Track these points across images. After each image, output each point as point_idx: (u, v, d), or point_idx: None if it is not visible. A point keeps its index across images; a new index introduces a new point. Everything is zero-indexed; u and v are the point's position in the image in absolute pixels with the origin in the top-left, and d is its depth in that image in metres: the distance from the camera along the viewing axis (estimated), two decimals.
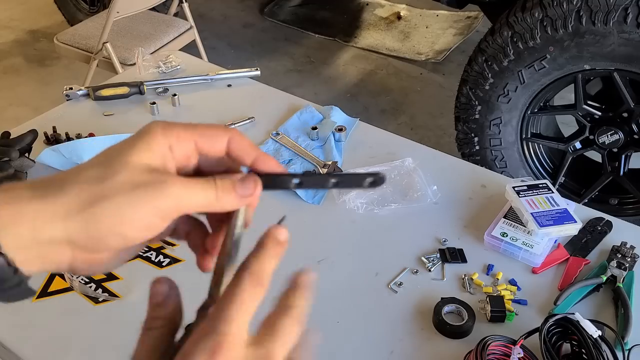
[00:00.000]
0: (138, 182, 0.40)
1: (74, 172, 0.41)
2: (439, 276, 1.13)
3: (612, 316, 1.04)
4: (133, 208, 0.40)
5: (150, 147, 0.42)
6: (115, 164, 0.40)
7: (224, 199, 0.44)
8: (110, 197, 0.39)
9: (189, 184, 0.42)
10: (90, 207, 0.39)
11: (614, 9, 1.80)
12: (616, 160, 2.10)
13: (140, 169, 0.40)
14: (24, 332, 1.05)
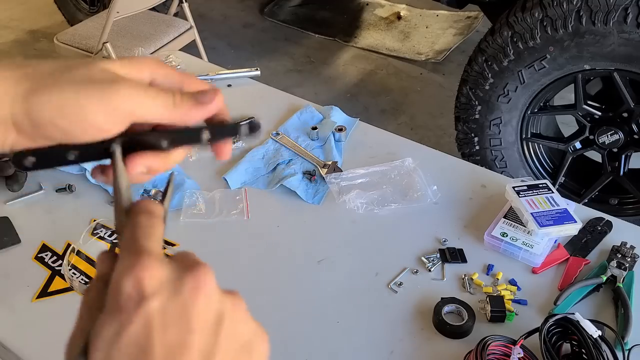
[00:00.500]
0: (93, 78, 0.39)
1: (42, 61, 0.40)
2: (439, 276, 1.13)
3: (612, 316, 1.05)
4: (78, 102, 0.38)
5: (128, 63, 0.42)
6: (78, 62, 0.40)
7: (183, 107, 0.43)
8: (58, 86, 0.38)
9: (147, 89, 0.41)
10: (36, 94, 0.38)
11: (614, 9, 1.80)
12: (616, 160, 2.09)
13: (101, 69, 0.40)
14: (24, 332, 1.05)
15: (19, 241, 1.21)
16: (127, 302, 0.36)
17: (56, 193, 1.32)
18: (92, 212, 1.26)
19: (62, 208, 1.29)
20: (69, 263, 1.15)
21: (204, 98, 0.44)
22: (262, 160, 1.40)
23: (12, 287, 1.13)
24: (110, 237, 1.21)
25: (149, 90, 0.41)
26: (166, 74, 0.43)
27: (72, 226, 1.22)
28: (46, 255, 1.18)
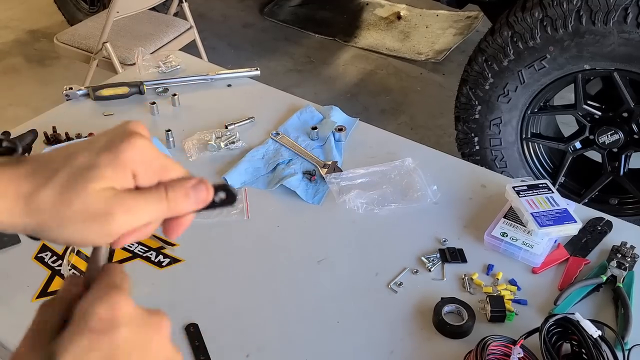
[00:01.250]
0: (91, 212, 0.42)
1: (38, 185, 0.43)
2: (439, 276, 1.13)
3: (612, 316, 1.04)
4: (83, 234, 0.43)
5: (113, 166, 0.43)
6: (76, 187, 0.42)
7: (177, 208, 0.46)
8: (63, 226, 0.43)
9: (136, 207, 0.44)
10: (43, 230, 0.43)
11: (614, 9, 1.80)
12: (616, 160, 2.09)
13: (96, 196, 0.42)
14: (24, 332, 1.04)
15: (18, 241, 1.20)
16: (99, 324, 0.40)
17: None
18: None
19: None
20: (68, 263, 1.15)
21: (199, 197, 0.47)
22: (262, 160, 1.40)
23: (12, 287, 1.12)
24: None
25: (140, 202, 0.44)
26: (146, 168, 0.45)
27: None
28: (46, 255, 1.18)
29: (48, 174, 0.42)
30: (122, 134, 0.44)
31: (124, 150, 0.43)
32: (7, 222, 0.43)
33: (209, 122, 1.51)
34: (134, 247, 1.19)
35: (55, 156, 0.44)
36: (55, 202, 0.42)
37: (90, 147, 0.44)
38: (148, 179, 0.45)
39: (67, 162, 0.43)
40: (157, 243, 1.20)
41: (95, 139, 0.45)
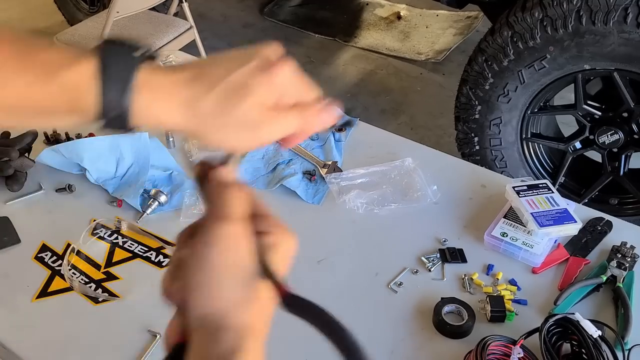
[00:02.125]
0: (244, 122, 0.48)
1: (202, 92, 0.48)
2: (439, 276, 1.13)
3: (612, 316, 1.04)
4: (234, 140, 0.49)
5: (266, 87, 0.49)
6: (234, 100, 0.48)
7: (308, 127, 0.52)
8: (221, 131, 0.48)
9: (279, 122, 0.50)
10: (200, 131, 0.48)
11: (614, 9, 1.80)
12: (616, 160, 2.09)
13: (250, 110, 0.48)
14: (24, 332, 1.05)
15: (18, 241, 1.20)
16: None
17: (56, 193, 1.32)
18: (92, 212, 1.26)
19: (62, 208, 1.29)
20: (68, 263, 1.15)
21: (327, 119, 0.53)
22: (261, 160, 1.40)
23: (12, 287, 1.12)
24: (110, 237, 1.21)
25: (282, 118, 0.50)
26: (290, 91, 0.50)
27: (72, 226, 1.22)
28: (46, 255, 1.18)
29: (208, 85, 0.47)
30: (275, 57, 0.49)
31: (275, 75, 0.48)
32: (169, 122, 0.48)
33: None
34: (134, 247, 1.19)
35: (212, 67, 0.48)
36: (215, 110, 0.47)
37: (246, 64, 0.48)
38: (290, 99, 0.50)
39: (225, 76, 0.47)
40: (157, 243, 1.20)
41: (249, 55, 0.49)
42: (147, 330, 1.02)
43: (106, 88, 0.45)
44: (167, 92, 0.47)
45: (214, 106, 0.47)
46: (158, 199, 1.26)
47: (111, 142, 1.33)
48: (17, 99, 0.45)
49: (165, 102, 0.47)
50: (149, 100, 0.46)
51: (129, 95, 0.45)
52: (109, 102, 0.45)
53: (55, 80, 0.44)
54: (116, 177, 1.33)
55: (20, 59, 0.45)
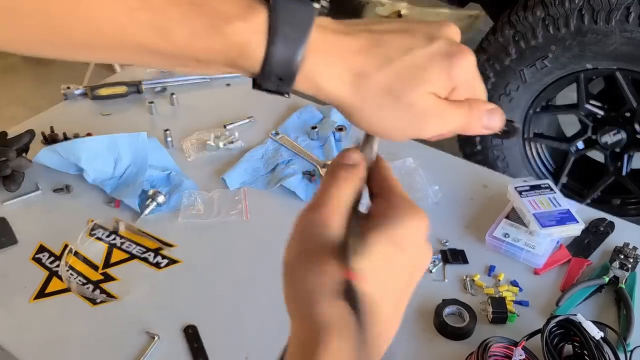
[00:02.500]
0: (411, 109, 0.44)
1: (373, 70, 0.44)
2: (440, 277, 1.12)
3: (614, 317, 1.04)
4: (395, 126, 0.46)
5: (444, 77, 0.45)
6: (408, 83, 0.44)
7: (473, 126, 0.49)
8: (381, 111, 0.45)
9: (447, 116, 0.46)
10: (360, 107, 0.44)
11: (616, 8, 1.79)
12: (619, 161, 2.08)
13: (421, 98, 0.45)
14: (21, 333, 1.04)
15: (15, 241, 1.20)
16: (402, 240, 0.43)
17: (53, 193, 1.31)
18: (90, 213, 1.25)
19: (59, 208, 1.28)
20: (66, 264, 1.14)
21: (491, 124, 0.50)
22: (261, 160, 1.39)
23: (9, 288, 1.12)
24: (108, 238, 1.21)
25: (451, 113, 0.46)
26: (465, 86, 0.47)
27: (70, 227, 1.21)
28: (43, 256, 1.17)
29: (382, 59, 0.43)
30: (457, 45, 0.46)
31: (457, 66, 0.45)
32: (332, 92, 0.44)
33: (207, 121, 1.50)
34: (132, 248, 1.19)
35: (389, 39, 0.44)
36: (385, 88, 0.43)
37: (427, 44, 0.45)
38: (461, 95, 0.47)
39: (403, 54, 0.44)
40: (156, 244, 1.19)
41: (430, 34, 0.45)
42: (145, 332, 1.02)
43: (275, 48, 0.41)
44: (338, 59, 0.43)
45: (385, 85, 0.43)
46: (156, 200, 1.25)
47: (109, 142, 1.33)
48: (178, 47, 0.41)
49: (333, 69, 0.43)
50: (317, 66, 0.42)
51: (298, 59, 0.41)
52: (276, 64, 0.41)
53: (222, 32, 0.40)
54: (114, 177, 1.32)
55: (190, 3, 0.40)
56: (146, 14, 0.39)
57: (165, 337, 1.01)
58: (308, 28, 0.41)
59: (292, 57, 0.41)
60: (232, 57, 0.41)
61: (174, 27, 0.39)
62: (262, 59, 0.41)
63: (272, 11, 0.41)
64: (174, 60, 0.42)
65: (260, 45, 0.41)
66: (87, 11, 0.38)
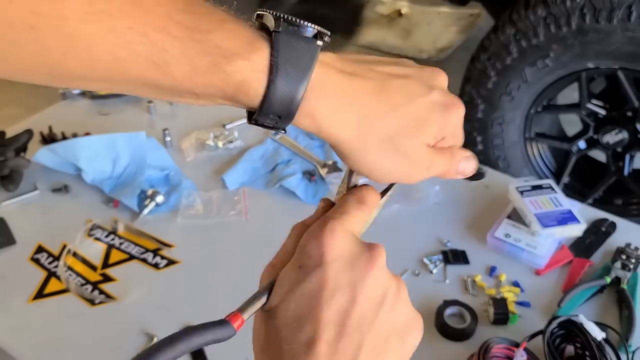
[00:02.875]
0: (405, 157, 0.45)
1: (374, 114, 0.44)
2: (441, 278, 1.11)
3: (616, 318, 1.03)
4: (389, 170, 0.46)
5: (439, 127, 0.47)
6: (409, 133, 0.45)
7: (451, 172, 0.50)
8: (381, 156, 0.45)
9: (434, 164, 0.48)
10: (363, 149, 0.45)
11: (617, 7, 1.78)
12: (620, 160, 2.07)
13: (416, 147, 0.46)
14: (20, 334, 1.04)
15: (14, 242, 1.19)
16: (307, 260, 0.42)
17: (52, 193, 1.30)
18: (88, 213, 1.25)
19: (58, 209, 1.28)
20: (65, 264, 1.14)
21: (466, 170, 0.51)
22: (260, 160, 1.38)
23: (7, 288, 1.12)
24: (107, 238, 1.20)
25: (437, 161, 0.48)
26: (452, 136, 0.48)
27: (68, 227, 1.21)
28: (42, 256, 1.17)
29: (389, 106, 0.44)
30: (452, 97, 0.47)
31: (451, 117, 0.47)
32: (333, 133, 0.43)
33: (206, 121, 1.49)
34: (130, 249, 1.18)
35: (394, 85, 0.45)
36: (388, 135, 0.44)
37: (427, 93, 0.46)
38: (447, 143, 0.48)
39: (407, 102, 0.45)
40: (154, 244, 1.18)
41: (428, 82, 0.46)
42: (143, 333, 1.01)
43: (276, 87, 0.40)
44: (344, 101, 0.43)
45: (389, 131, 0.44)
46: (155, 200, 1.24)
47: (108, 142, 1.32)
48: (176, 82, 0.40)
49: (338, 111, 0.43)
50: (320, 106, 0.42)
51: (299, 98, 0.41)
52: (276, 102, 0.41)
53: (223, 70, 0.39)
54: (113, 177, 1.31)
55: (190, 38, 0.38)
56: (145, 48, 0.38)
57: None
58: (310, 66, 0.41)
59: (293, 96, 0.41)
60: (231, 93, 0.41)
61: (173, 63, 0.39)
62: (262, 97, 0.41)
63: (274, 49, 0.40)
64: (172, 93, 0.41)
65: (261, 83, 0.40)
66: (83, 44, 0.37)
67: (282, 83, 0.40)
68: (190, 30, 0.38)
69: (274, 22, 0.41)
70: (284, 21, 0.42)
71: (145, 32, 0.37)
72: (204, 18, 0.39)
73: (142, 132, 1.34)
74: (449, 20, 3.89)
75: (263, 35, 0.41)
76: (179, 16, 0.38)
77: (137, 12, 0.37)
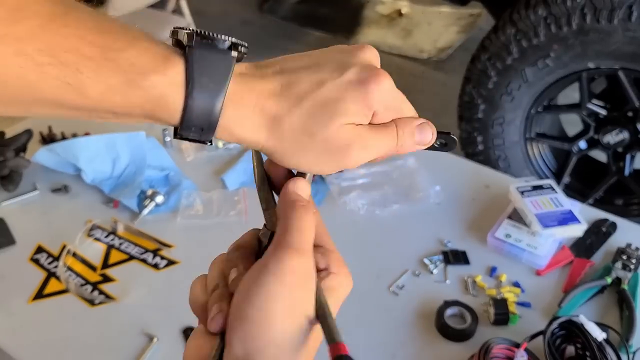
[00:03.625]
0: (331, 145, 0.44)
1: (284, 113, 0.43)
2: (442, 278, 1.11)
3: (616, 319, 1.03)
4: (318, 164, 0.45)
5: (359, 104, 0.44)
6: (322, 119, 0.43)
7: (404, 147, 0.48)
8: (301, 153, 0.44)
9: (371, 143, 0.45)
10: (281, 152, 0.44)
11: (618, 7, 1.78)
12: (621, 161, 2.07)
13: (338, 131, 0.44)
14: (20, 334, 1.04)
15: (13, 242, 1.19)
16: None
17: (52, 193, 1.30)
18: (88, 213, 1.25)
19: (57, 209, 1.27)
20: (64, 265, 1.14)
21: (423, 139, 0.49)
22: None
23: (7, 289, 1.12)
24: (107, 239, 1.20)
25: (374, 139, 0.46)
26: (386, 109, 0.46)
27: (68, 227, 1.21)
28: (42, 256, 1.16)
29: (294, 99, 0.43)
30: (370, 70, 0.45)
31: (372, 91, 0.44)
32: (250, 140, 0.43)
33: None
34: (130, 249, 1.18)
35: (300, 78, 0.44)
36: (299, 130, 0.43)
37: (339, 75, 0.44)
38: (385, 118, 0.46)
39: (315, 89, 0.43)
40: (154, 245, 1.18)
41: (343, 62, 0.45)
42: (143, 333, 1.01)
43: (194, 101, 0.40)
44: (254, 107, 0.42)
45: (299, 125, 0.43)
46: (155, 200, 1.24)
47: (107, 142, 1.32)
48: (93, 102, 0.39)
49: (250, 118, 0.42)
50: (235, 116, 0.42)
51: (217, 109, 0.41)
52: (195, 115, 0.41)
53: (138, 86, 0.39)
54: (112, 177, 1.31)
55: (103, 57, 0.38)
56: (56, 70, 0.37)
57: (164, 339, 1.00)
58: (226, 78, 0.41)
59: (211, 108, 0.40)
60: (150, 110, 0.40)
61: (87, 83, 0.38)
62: (181, 110, 0.40)
63: (188, 62, 0.40)
64: (90, 113, 0.41)
65: (178, 98, 0.40)
66: None
67: (199, 95, 0.40)
68: (103, 49, 0.38)
69: (187, 38, 0.40)
70: (197, 35, 0.41)
71: (55, 53, 0.37)
72: (117, 37, 0.39)
73: (141, 132, 1.34)
74: (449, 20, 3.89)
75: (177, 50, 0.41)
76: (91, 36, 0.38)
77: (46, 34, 0.37)
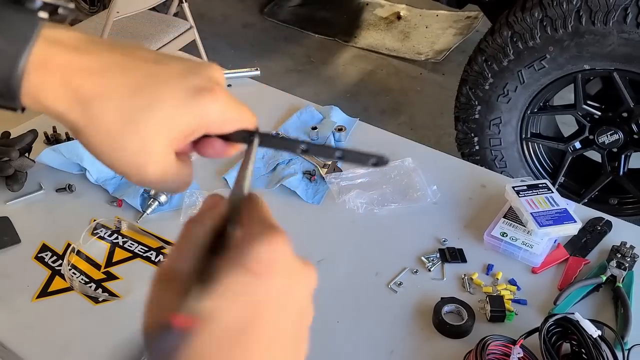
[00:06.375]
0: (138, 154, 0.41)
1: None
2: (439, 276, 1.13)
3: (611, 316, 1.04)
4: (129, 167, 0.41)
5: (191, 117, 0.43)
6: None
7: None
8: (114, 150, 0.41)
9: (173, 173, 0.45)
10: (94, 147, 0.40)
11: (613, 9, 1.80)
12: (616, 160, 2.09)
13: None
14: (24, 332, 1.05)
15: (19, 241, 1.20)
16: (257, 266, 0.35)
17: (56, 193, 1.32)
18: (92, 212, 1.26)
19: (62, 208, 1.29)
20: (69, 263, 1.15)
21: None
22: (261, 160, 1.40)
23: (12, 287, 1.12)
24: (110, 237, 1.21)
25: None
26: (219, 128, 0.45)
27: (72, 226, 1.22)
28: (46, 255, 1.18)
29: (117, 85, 0.39)
30: (208, 82, 0.42)
31: (205, 102, 0.42)
32: (54, 111, 0.39)
33: None
34: (134, 247, 1.20)
35: (140, 66, 0.41)
36: (113, 121, 0.40)
37: (177, 77, 0.41)
38: (222, 130, 0.45)
39: (148, 82, 0.40)
40: (158, 243, 1.20)
41: (189, 69, 0.42)
42: None
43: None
44: (60, 78, 0.38)
45: (114, 116, 0.39)
46: (158, 199, 1.26)
47: None
48: None
49: (53, 90, 0.38)
50: (40, 84, 0.38)
51: (17, 74, 0.37)
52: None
53: None
54: (116, 176, 1.33)
55: None
56: None
57: None
58: (29, 41, 0.37)
59: (10, 73, 0.37)
60: None
61: None
62: None
63: None
64: None
65: None
66: None
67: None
68: None
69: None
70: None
71: None
72: None
73: None
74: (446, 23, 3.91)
75: None
76: None
77: None
